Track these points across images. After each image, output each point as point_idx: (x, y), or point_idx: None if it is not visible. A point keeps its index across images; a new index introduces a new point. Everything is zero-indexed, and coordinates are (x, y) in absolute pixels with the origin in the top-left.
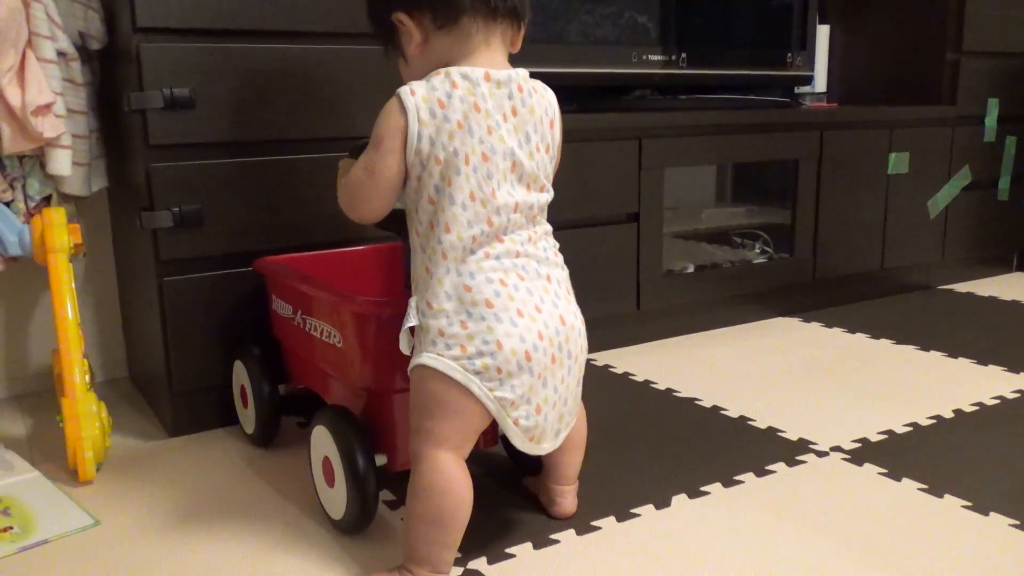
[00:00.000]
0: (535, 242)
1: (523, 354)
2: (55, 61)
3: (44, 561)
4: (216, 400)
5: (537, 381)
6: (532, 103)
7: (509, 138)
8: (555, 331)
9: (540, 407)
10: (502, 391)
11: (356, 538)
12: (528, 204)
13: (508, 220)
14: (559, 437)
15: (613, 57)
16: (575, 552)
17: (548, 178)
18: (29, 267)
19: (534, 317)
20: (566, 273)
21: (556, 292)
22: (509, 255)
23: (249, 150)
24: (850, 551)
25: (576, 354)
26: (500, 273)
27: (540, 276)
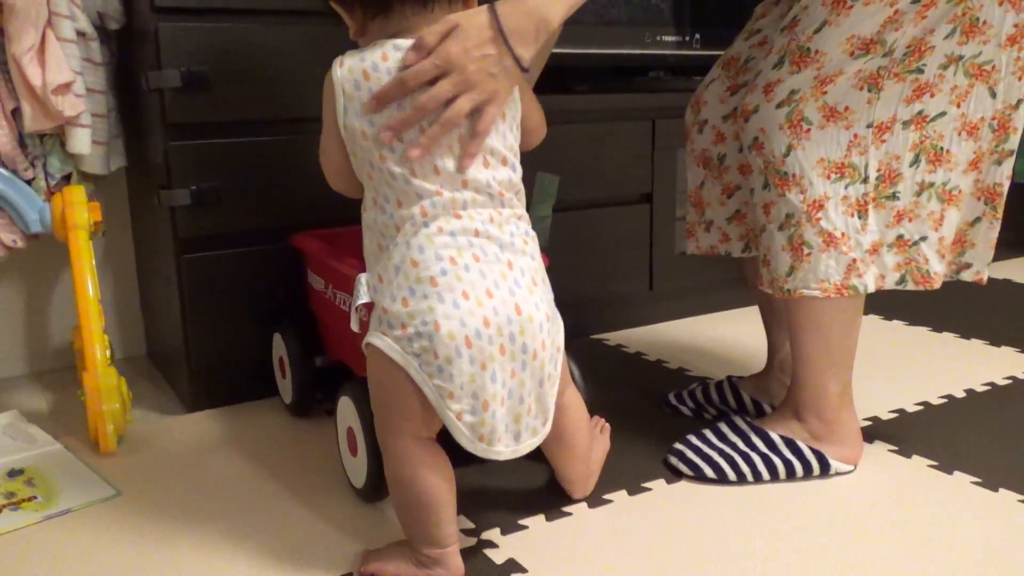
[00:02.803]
0: (499, 224)
1: (462, 339)
2: (74, 41)
3: (68, 529)
4: (233, 376)
5: (481, 372)
6: None
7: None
8: (506, 319)
9: (487, 403)
10: (440, 379)
11: (378, 507)
12: (484, 180)
13: (461, 195)
14: (521, 442)
15: (627, 37)
16: (587, 524)
17: (511, 150)
18: (50, 244)
19: (481, 301)
20: (536, 263)
21: (516, 280)
22: (466, 233)
23: (266, 128)
24: (859, 525)
25: (534, 349)
26: (452, 250)
27: (499, 260)
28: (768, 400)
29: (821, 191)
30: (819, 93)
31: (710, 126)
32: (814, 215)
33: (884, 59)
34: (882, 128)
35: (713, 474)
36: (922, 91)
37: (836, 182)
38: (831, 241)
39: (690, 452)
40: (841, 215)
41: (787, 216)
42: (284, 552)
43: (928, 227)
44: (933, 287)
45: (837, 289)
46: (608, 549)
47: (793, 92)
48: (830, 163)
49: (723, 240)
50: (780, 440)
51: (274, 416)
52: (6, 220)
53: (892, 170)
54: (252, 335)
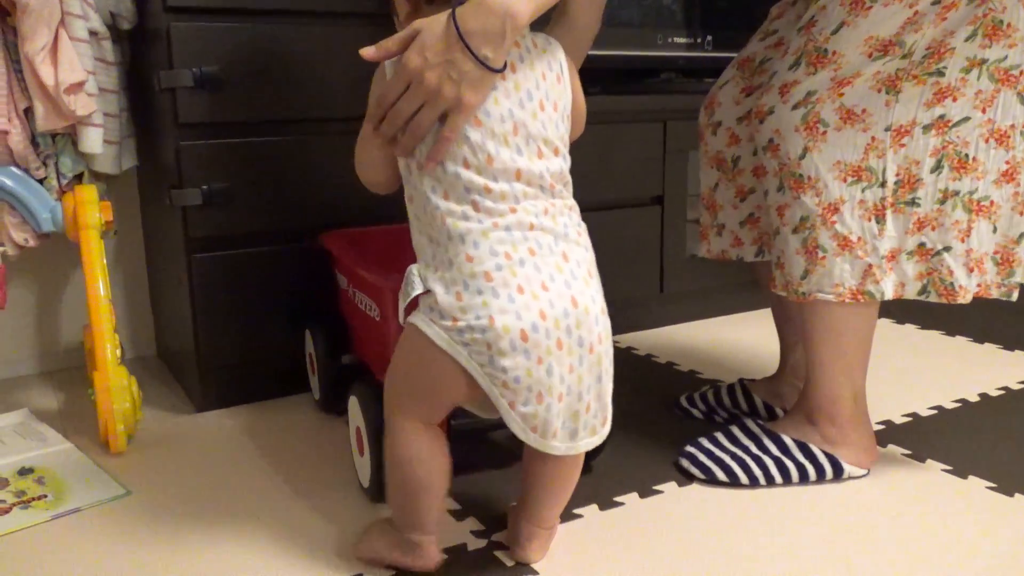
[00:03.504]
0: (553, 216)
1: (518, 333)
2: (87, 40)
3: (77, 528)
4: (244, 376)
5: (536, 366)
6: (531, 58)
7: (505, 99)
8: (563, 312)
9: (542, 396)
10: (492, 368)
11: (388, 512)
12: (537, 172)
13: (511, 187)
14: (578, 439)
15: (638, 39)
16: (598, 526)
17: (562, 140)
18: (61, 244)
19: (536, 295)
20: (590, 255)
21: (572, 271)
22: (521, 227)
23: (277, 128)
24: (872, 529)
25: (591, 343)
26: (507, 246)
27: (554, 252)
28: (780, 404)
29: (837, 194)
30: (836, 95)
31: (724, 128)
32: (829, 218)
33: (903, 61)
34: (901, 132)
35: (725, 477)
36: (943, 95)
37: (852, 185)
38: (846, 245)
39: (701, 455)
40: (857, 219)
41: (802, 219)
42: (294, 551)
43: (952, 237)
44: (957, 301)
45: (852, 294)
46: (619, 551)
47: (810, 94)
48: (846, 166)
49: (735, 244)
50: (793, 444)
51: (284, 416)
52: (18, 219)
53: (912, 175)
54: (263, 335)
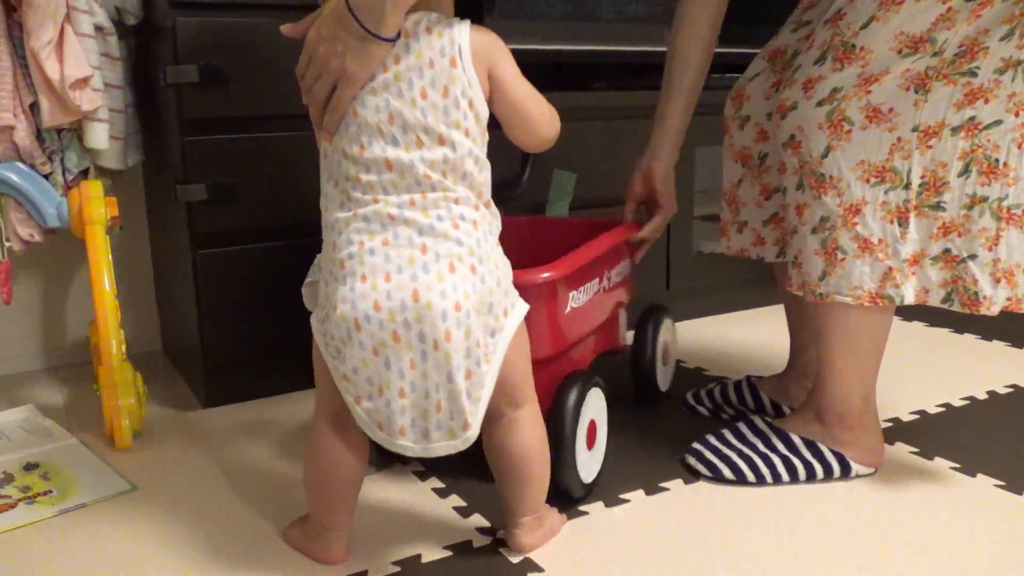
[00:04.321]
0: (423, 208)
1: (352, 322)
2: (92, 35)
3: (83, 523)
4: (248, 371)
5: (373, 357)
6: (419, 46)
7: (383, 89)
8: (399, 305)
9: (382, 390)
10: (338, 360)
11: (391, 506)
12: (408, 162)
13: (380, 178)
14: (432, 440)
15: (644, 34)
16: (604, 523)
17: (455, 126)
18: (66, 239)
19: (376, 285)
20: (462, 249)
21: (425, 264)
22: (379, 217)
23: (283, 124)
24: (880, 527)
25: (435, 339)
26: (364, 235)
27: (412, 245)
28: (787, 402)
29: (859, 195)
30: (863, 92)
31: (752, 123)
32: (850, 219)
33: (933, 59)
34: (928, 133)
35: (731, 475)
36: (975, 96)
37: (875, 186)
38: (866, 247)
39: (708, 452)
40: (879, 221)
41: (821, 219)
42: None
43: (979, 245)
44: (981, 311)
45: (871, 297)
46: (625, 549)
47: (835, 90)
48: (870, 166)
49: (757, 243)
50: (801, 442)
51: (289, 411)
52: (23, 215)
53: (938, 178)
54: (268, 330)
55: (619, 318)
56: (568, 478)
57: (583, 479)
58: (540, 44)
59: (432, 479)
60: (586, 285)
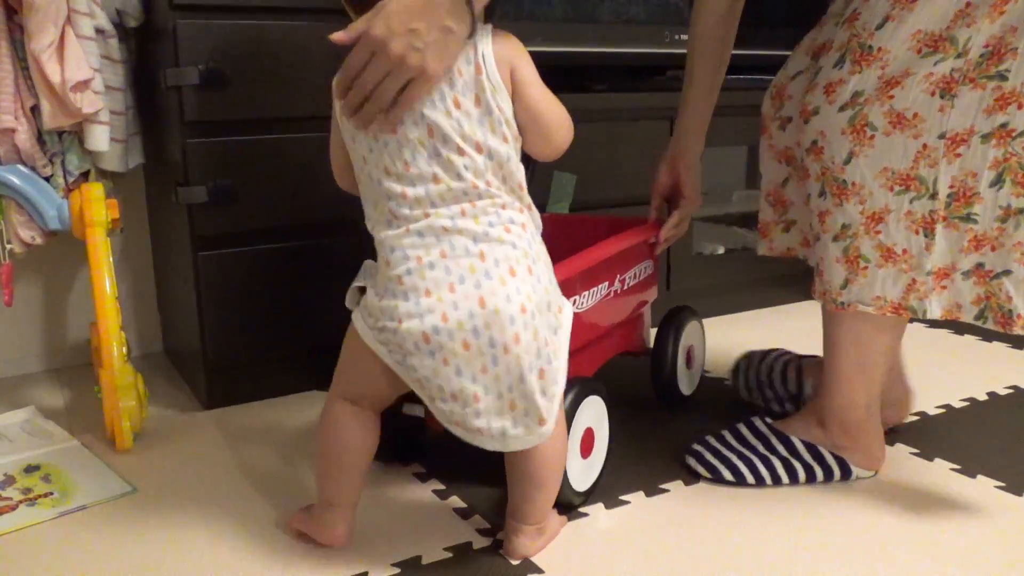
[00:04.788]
0: (474, 216)
1: (420, 335)
2: (93, 38)
3: (83, 525)
4: (250, 373)
5: (443, 367)
6: None
7: (417, 104)
8: (467, 314)
9: (456, 395)
10: (405, 368)
11: (393, 507)
12: (454, 171)
13: (427, 191)
14: (507, 437)
15: (645, 36)
16: (603, 525)
17: (490, 133)
18: (68, 241)
19: (442, 298)
20: (518, 252)
21: (486, 271)
22: (433, 230)
23: (284, 126)
24: (880, 529)
25: (504, 343)
26: (420, 250)
27: (470, 254)
28: None
29: (882, 203)
30: (885, 97)
31: (795, 123)
32: (872, 228)
33: (958, 60)
34: (956, 140)
35: (731, 476)
36: (1006, 101)
37: (900, 195)
38: (889, 256)
39: (708, 453)
40: (903, 230)
41: (843, 227)
42: (299, 549)
43: (1014, 260)
44: (1015, 331)
45: (894, 308)
46: (625, 550)
47: (856, 94)
48: (894, 174)
49: (804, 243)
50: (802, 445)
51: (290, 413)
52: (25, 217)
53: (968, 188)
54: (269, 332)
55: (640, 319)
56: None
57: (576, 488)
58: (540, 46)
59: (433, 480)
60: (593, 288)
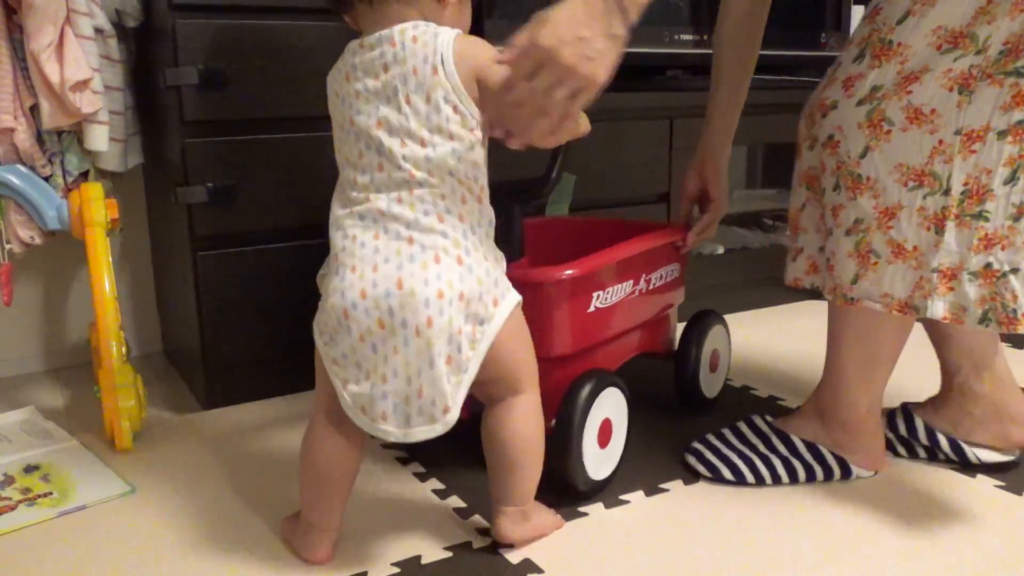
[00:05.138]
0: (410, 204)
1: (341, 311)
2: (93, 38)
3: (82, 525)
4: (249, 373)
5: (359, 343)
6: (404, 55)
7: (374, 97)
8: (384, 293)
9: (369, 374)
10: (330, 346)
11: (391, 510)
12: (395, 162)
13: (373, 179)
14: (413, 426)
15: (645, 36)
16: (603, 525)
17: (434, 129)
18: (67, 241)
19: (364, 275)
20: (447, 241)
21: (411, 255)
22: (371, 213)
23: (283, 126)
24: (880, 528)
25: (416, 325)
26: (357, 230)
27: (400, 238)
28: (948, 427)
29: (895, 198)
30: (903, 92)
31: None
32: (885, 223)
33: (977, 57)
34: (972, 137)
35: (731, 476)
36: (1023, 98)
37: (913, 190)
38: (900, 252)
39: (708, 452)
40: (915, 227)
41: (856, 221)
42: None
43: (1023, 258)
44: (1019, 330)
45: (901, 306)
46: (624, 550)
47: (875, 89)
48: (909, 169)
49: (811, 270)
50: (802, 444)
51: (289, 413)
52: (24, 217)
53: (981, 185)
54: (268, 332)
55: (666, 320)
56: (573, 470)
57: (590, 475)
58: None
59: (432, 480)
60: (615, 286)
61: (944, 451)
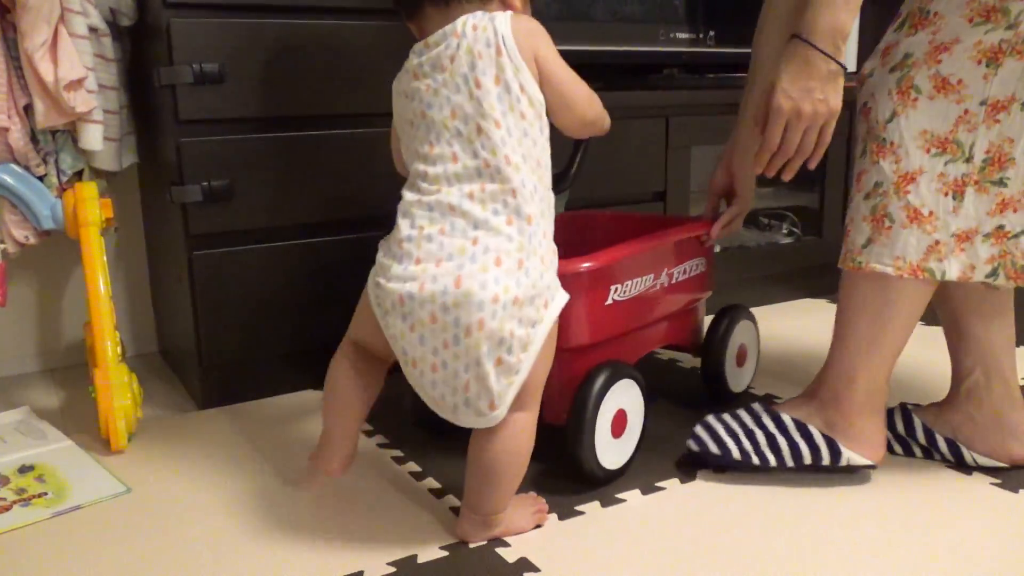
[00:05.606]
0: (481, 201)
1: (396, 297)
2: (87, 36)
3: (77, 525)
4: (245, 373)
5: (410, 332)
6: (467, 43)
7: (444, 89)
8: (442, 290)
9: (416, 362)
10: (383, 323)
11: (386, 510)
12: (471, 149)
13: (445, 170)
14: (458, 414)
15: (640, 35)
16: (600, 523)
17: (508, 109)
18: (62, 241)
19: (426, 269)
20: (512, 245)
21: (473, 255)
22: (441, 207)
23: (278, 125)
24: (877, 526)
25: (468, 325)
26: (425, 221)
27: (466, 236)
28: (948, 431)
29: (916, 164)
30: (932, 62)
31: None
32: (903, 187)
33: (1007, 32)
34: (997, 107)
35: (717, 450)
36: None
37: (935, 157)
38: (916, 217)
39: (701, 429)
40: (933, 192)
41: (875, 185)
42: (294, 549)
43: None
44: None
45: (912, 269)
46: (621, 548)
47: (907, 56)
48: (932, 136)
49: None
50: (792, 423)
51: (285, 413)
52: (18, 216)
53: (1003, 154)
54: (264, 331)
55: (692, 313)
56: (584, 457)
57: (603, 463)
58: None
59: (428, 479)
60: (635, 280)
61: (941, 451)
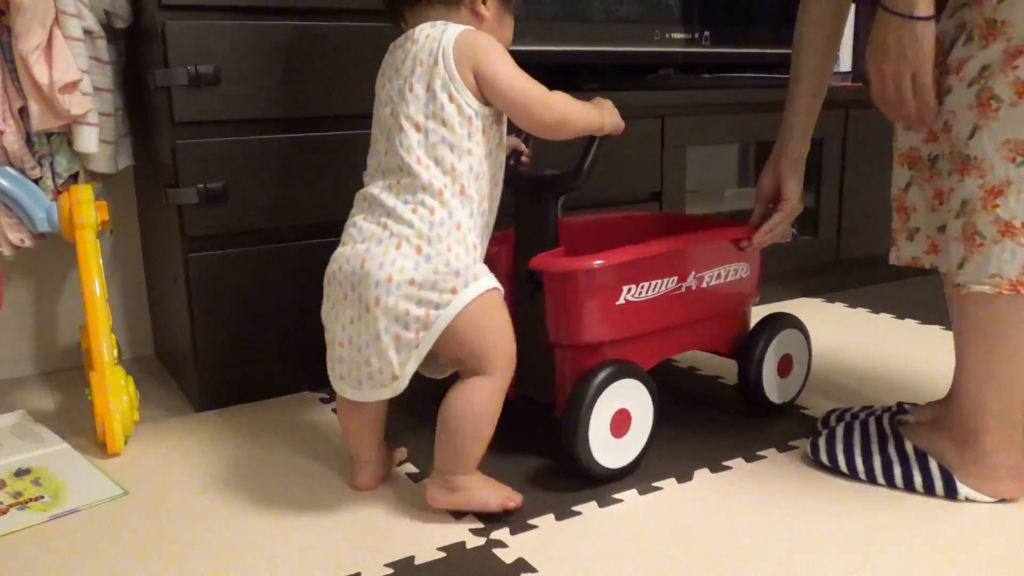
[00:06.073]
0: (396, 192)
1: (327, 277)
2: (81, 39)
3: (74, 529)
4: (241, 375)
5: (331, 308)
6: (415, 50)
7: (392, 90)
8: (351, 270)
9: (333, 337)
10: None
11: (385, 511)
12: (395, 147)
13: (380, 164)
14: (363, 389)
15: (636, 35)
16: (597, 523)
17: (430, 115)
18: (57, 244)
19: (345, 251)
20: (412, 232)
21: (379, 239)
22: (368, 197)
23: (273, 127)
24: (871, 524)
25: (368, 302)
26: (358, 207)
27: (379, 223)
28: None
29: (1002, 175)
30: (1009, 68)
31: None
32: (991, 201)
33: None
34: None
35: (845, 468)
36: None
37: (1021, 166)
38: (1007, 230)
39: (823, 439)
40: (1023, 203)
41: (963, 202)
42: (291, 552)
43: None
44: None
45: (1012, 285)
46: (618, 548)
47: (984, 68)
48: (1016, 144)
49: (931, 251)
50: (912, 450)
51: (282, 415)
52: (13, 219)
53: None
54: (261, 334)
55: (730, 319)
56: (576, 452)
57: (600, 462)
58: (531, 45)
59: (426, 480)
60: (653, 281)
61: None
